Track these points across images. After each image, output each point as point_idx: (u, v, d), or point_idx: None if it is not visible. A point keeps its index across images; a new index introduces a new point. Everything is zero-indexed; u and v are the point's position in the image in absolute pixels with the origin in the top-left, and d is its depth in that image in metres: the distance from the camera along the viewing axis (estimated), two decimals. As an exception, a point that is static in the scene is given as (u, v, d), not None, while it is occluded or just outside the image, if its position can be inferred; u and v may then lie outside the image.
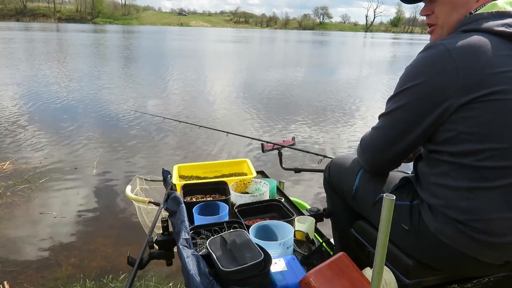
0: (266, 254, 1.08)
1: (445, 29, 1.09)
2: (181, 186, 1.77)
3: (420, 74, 0.99)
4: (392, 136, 1.09)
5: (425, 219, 1.06)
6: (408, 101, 1.02)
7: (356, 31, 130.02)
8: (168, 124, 5.61)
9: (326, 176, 1.48)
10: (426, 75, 0.97)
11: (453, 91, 0.94)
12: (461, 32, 1.00)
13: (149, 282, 2.31)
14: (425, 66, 0.99)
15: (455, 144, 0.97)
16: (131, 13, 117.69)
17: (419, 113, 1.00)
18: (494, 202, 0.95)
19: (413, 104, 1.01)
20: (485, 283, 1.14)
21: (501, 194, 0.95)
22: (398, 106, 1.05)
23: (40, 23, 78.61)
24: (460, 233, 0.99)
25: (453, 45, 0.95)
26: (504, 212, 0.95)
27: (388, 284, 1.07)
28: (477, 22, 0.99)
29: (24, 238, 2.79)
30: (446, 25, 1.08)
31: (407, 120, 1.03)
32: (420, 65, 1.01)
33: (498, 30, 0.95)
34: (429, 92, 0.97)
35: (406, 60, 19.60)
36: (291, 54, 24.05)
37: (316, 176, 3.91)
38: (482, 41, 0.94)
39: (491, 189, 0.95)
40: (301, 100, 8.36)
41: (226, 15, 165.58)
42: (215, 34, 57.08)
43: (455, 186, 0.98)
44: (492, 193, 0.95)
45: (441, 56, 0.96)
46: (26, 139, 4.98)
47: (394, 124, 1.07)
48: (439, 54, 0.96)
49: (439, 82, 0.95)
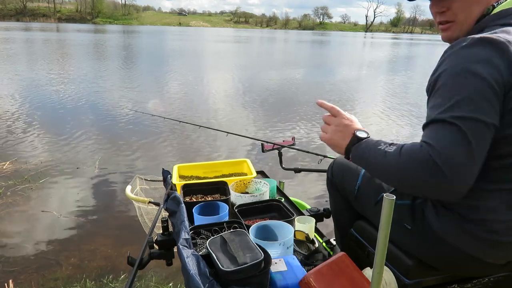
0: (266, 254, 1.08)
1: (465, 26, 1.03)
2: (181, 186, 1.77)
3: (485, 67, 0.86)
4: (477, 141, 0.83)
5: (428, 218, 1.05)
6: (488, 99, 0.85)
7: (356, 31, 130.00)
8: (168, 124, 5.61)
9: (329, 175, 1.48)
10: (494, 68, 0.86)
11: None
12: (500, 26, 0.95)
13: (149, 282, 2.31)
14: (488, 59, 0.87)
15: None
16: (131, 13, 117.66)
17: (495, 108, 0.86)
18: (501, 203, 0.96)
19: (494, 101, 0.86)
20: (485, 283, 1.14)
21: (508, 195, 0.96)
22: (476, 108, 0.85)
23: (40, 23, 78.62)
24: (466, 233, 0.99)
25: (506, 39, 0.89)
26: (511, 212, 0.96)
27: (388, 284, 1.07)
28: (510, 17, 0.97)
29: (24, 238, 2.79)
30: (467, 22, 1.03)
31: (486, 117, 0.84)
32: (481, 59, 0.87)
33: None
34: (497, 86, 0.86)
35: (406, 60, 19.61)
36: (291, 54, 24.04)
37: (316, 176, 3.91)
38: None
39: (498, 190, 0.95)
40: (301, 100, 8.35)
41: (226, 15, 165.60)
42: (215, 34, 57.08)
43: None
44: (500, 194, 0.96)
45: (504, 47, 0.87)
46: (26, 139, 4.98)
47: (476, 125, 0.84)
48: (501, 46, 0.87)
49: (507, 75, 0.86)
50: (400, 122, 6.68)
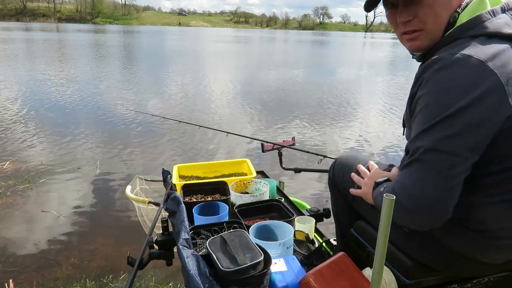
0: (266, 254, 1.08)
1: (435, 33, 0.98)
2: (181, 186, 1.77)
3: (464, 96, 0.84)
4: (447, 174, 0.85)
5: None
6: (459, 129, 0.84)
7: (356, 31, 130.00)
8: (168, 124, 5.61)
9: (331, 175, 1.48)
10: (472, 96, 0.83)
11: (504, 109, 0.85)
12: (470, 38, 0.91)
13: (149, 282, 2.31)
14: (466, 86, 0.84)
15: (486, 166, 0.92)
16: (131, 13, 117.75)
17: (475, 140, 0.85)
18: (504, 212, 0.96)
19: (465, 131, 0.84)
20: (485, 283, 1.14)
21: (504, 203, 0.96)
22: (444, 136, 0.85)
23: (40, 23, 78.63)
24: (466, 238, 0.99)
25: (484, 57, 0.85)
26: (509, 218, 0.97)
27: (388, 284, 1.07)
28: (482, 26, 0.92)
29: (24, 238, 2.79)
30: (436, 29, 0.98)
31: (462, 150, 0.85)
32: (458, 86, 0.85)
33: (508, 33, 0.91)
34: (481, 115, 0.84)
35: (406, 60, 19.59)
36: (291, 54, 24.04)
37: (316, 176, 3.91)
38: (505, 49, 0.88)
39: (502, 201, 0.95)
40: (301, 100, 8.35)
41: (226, 15, 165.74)
42: (215, 34, 57.08)
43: (466, 200, 0.96)
44: (502, 204, 0.96)
45: (480, 70, 0.84)
46: (26, 139, 4.97)
47: (447, 158, 0.85)
48: (476, 69, 0.84)
49: (490, 102, 0.84)
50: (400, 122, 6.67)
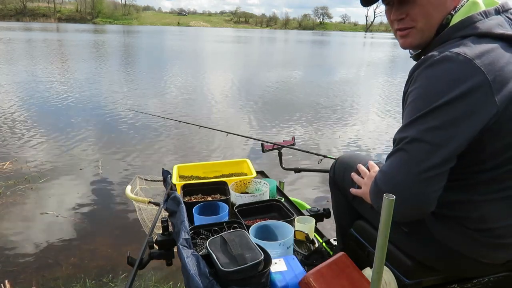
0: (266, 254, 1.08)
1: (426, 33, 1.01)
2: (181, 186, 1.77)
3: (450, 90, 0.86)
4: (429, 164, 0.87)
5: (425, 221, 1.05)
6: (443, 121, 0.86)
7: (356, 31, 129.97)
8: (168, 124, 5.61)
9: (331, 174, 1.48)
10: (458, 91, 0.85)
11: (489, 106, 0.86)
12: (461, 38, 0.93)
13: (149, 282, 2.31)
14: (452, 80, 0.86)
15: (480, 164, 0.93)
16: (131, 13, 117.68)
17: (457, 133, 0.86)
18: (503, 210, 0.96)
19: (449, 123, 0.86)
20: (485, 283, 1.14)
21: (503, 201, 0.96)
22: (428, 128, 0.87)
23: (40, 23, 78.60)
24: (466, 237, 0.99)
25: (472, 55, 0.87)
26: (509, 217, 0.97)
27: (388, 284, 1.07)
28: (473, 27, 0.94)
29: (24, 238, 2.79)
30: (427, 28, 1.00)
31: (445, 141, 0.86)
32: (445, 81, 0.87)
33: (499, 33, 0.92)
34: (465, 109, 0.86)
35: (406, 60, 19.60)
36: (291, 54, 24.04)
37: (316, 176, 3.90)
38: (494, 48, 0.90)
39: (501, 198, 0.96)
40: (301, 100, 8.35)
41: (226, 15, 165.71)
42: (215, 34, 57.08)
43: (464, 199, 0.97)
44: (502, 202, 0.96)
45: (467, 67, 0.86)
46: (26, 139, 4.97)
47: (430, 148, 0.87)
48: (463, 65, 0.86)
49: (475, 98, 0.86)
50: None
